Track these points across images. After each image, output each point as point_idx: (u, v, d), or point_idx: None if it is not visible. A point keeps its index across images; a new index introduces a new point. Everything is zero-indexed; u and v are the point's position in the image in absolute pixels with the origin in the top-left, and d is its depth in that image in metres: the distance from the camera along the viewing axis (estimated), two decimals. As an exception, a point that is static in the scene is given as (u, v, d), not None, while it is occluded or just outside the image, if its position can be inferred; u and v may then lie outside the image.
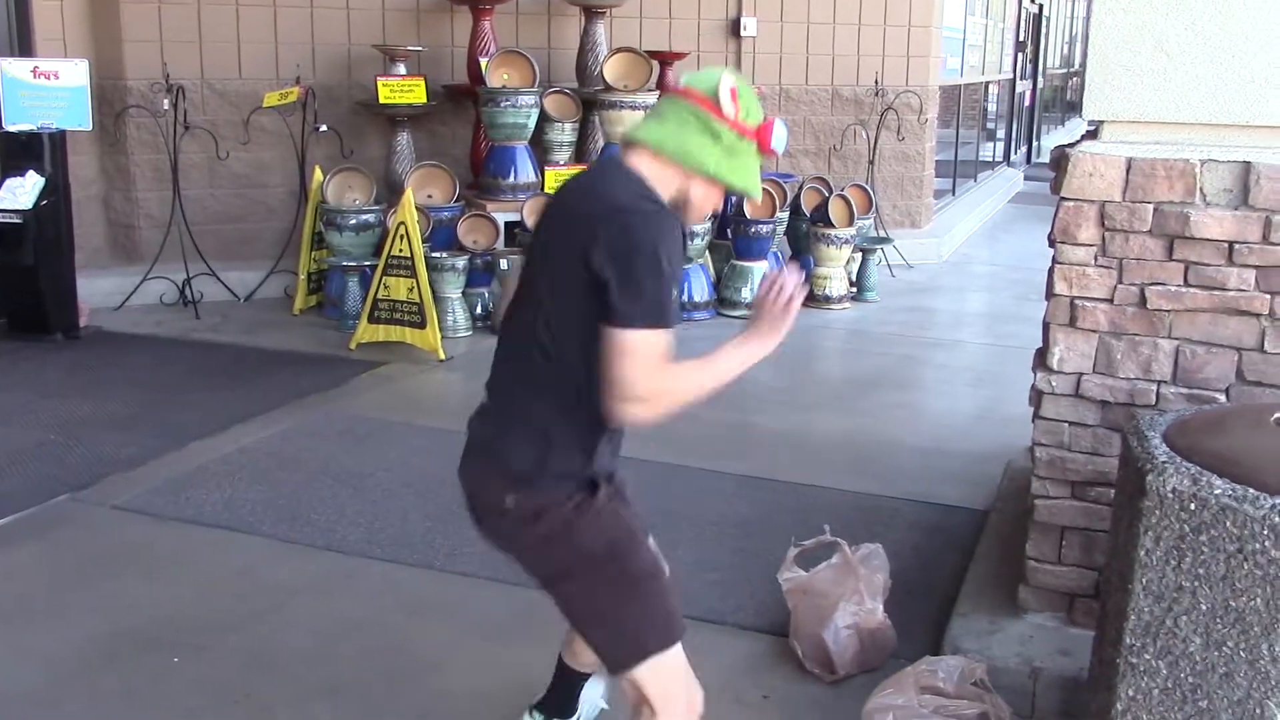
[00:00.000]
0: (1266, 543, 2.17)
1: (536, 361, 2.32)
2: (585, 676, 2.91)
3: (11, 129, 6.67)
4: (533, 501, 2.34)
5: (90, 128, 7.12)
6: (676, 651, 2.42)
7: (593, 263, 2.17)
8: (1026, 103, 17.92)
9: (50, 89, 6.78)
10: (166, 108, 7.65)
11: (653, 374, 2.18)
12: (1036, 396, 3.33)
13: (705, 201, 2.40)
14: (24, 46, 7.25)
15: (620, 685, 2.50)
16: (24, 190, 6.56)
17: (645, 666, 2.38)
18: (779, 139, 2.39)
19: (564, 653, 2.89)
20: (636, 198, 2.25)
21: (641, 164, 2.32)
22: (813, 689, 3.30)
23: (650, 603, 2.41)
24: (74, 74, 6.84)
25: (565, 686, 2.91)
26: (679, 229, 2.29)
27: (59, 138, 6.76)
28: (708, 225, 7.60)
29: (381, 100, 7.80)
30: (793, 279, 2.38)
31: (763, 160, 2.45)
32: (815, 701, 3.25)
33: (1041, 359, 3.32)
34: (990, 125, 15.54)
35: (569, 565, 2.39)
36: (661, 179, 2.32)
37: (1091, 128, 3.37)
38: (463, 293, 7.10)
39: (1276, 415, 2.50)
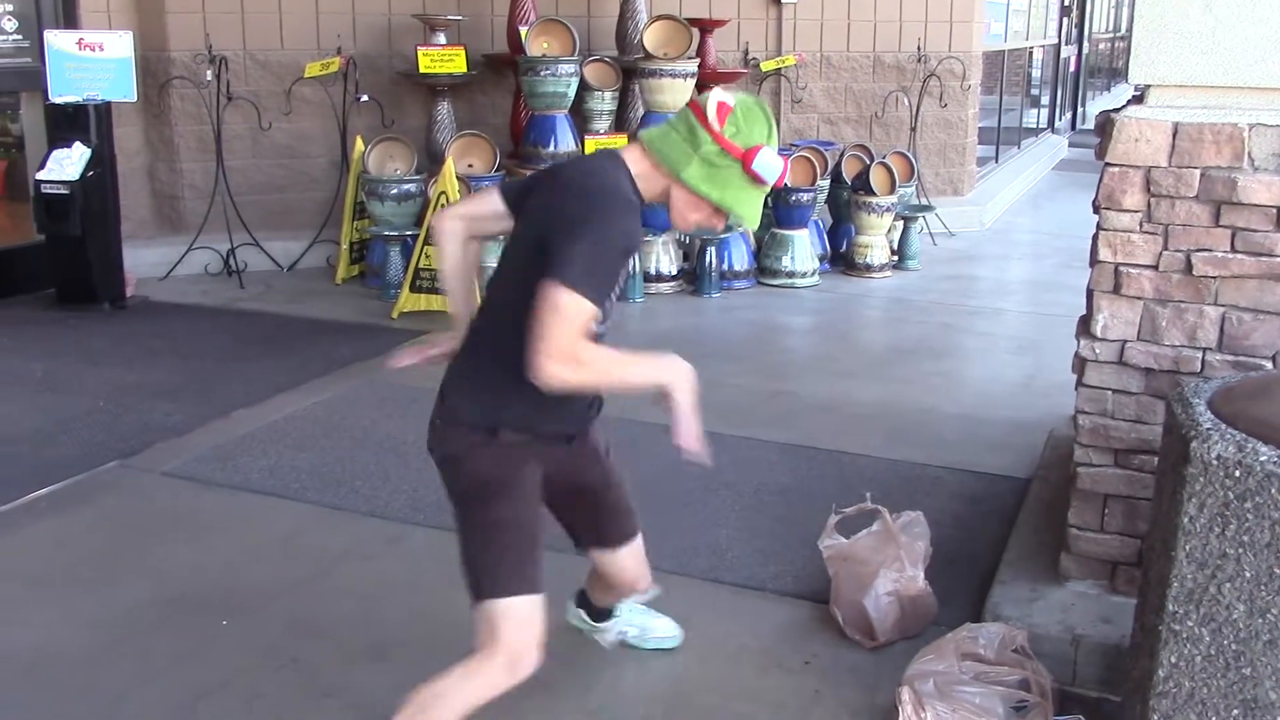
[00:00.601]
0: (1312, 510, 2.15)
1: (503, 320, 2.46)
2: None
3: (58, 101, 6.73)
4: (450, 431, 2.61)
5: (135, 99, 7.18)
6: (513, 604, 2.49)
7: (551, 230, 2.30)
8: (1071, 68, 17.67)
9: (95, 61, 6.83)
10: (210, 79, 7.70)
11: (572, 337, 2.24)
12: (1080, 364, 3.30)
13: (687, 209, 2.46)
14: (69, 19, 7.32)
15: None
16: (71, 162, 6.63)
17: (482, 606, 2.51)
18: (766, 167, 2.39)
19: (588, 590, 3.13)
20: (611, 185, 2.36)
21: (633, 159, 2.44)
22: (853, 655, 3.32)
23: (496, 551, 2.52)
24: (119, 46, 6.90)
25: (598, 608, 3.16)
26: (638, 226, 2.39)
27: (104, 109, 6.83)
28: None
29: (422, 70, 7.82)
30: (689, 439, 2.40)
31: (762, 190, 2.44)
32: (855, 667, 3.26)
33: (1085, 326, 3.30)
34: (1034, 91, 15.34)
35: (454, 491, 2.62)
36: (648, 178, 2.44)
37: (1137, 93, 3.33)
38: (503, 262, 7.11)
39: (1324, 382, 2.47)
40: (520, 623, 2.48)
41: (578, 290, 2.23)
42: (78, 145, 6.67)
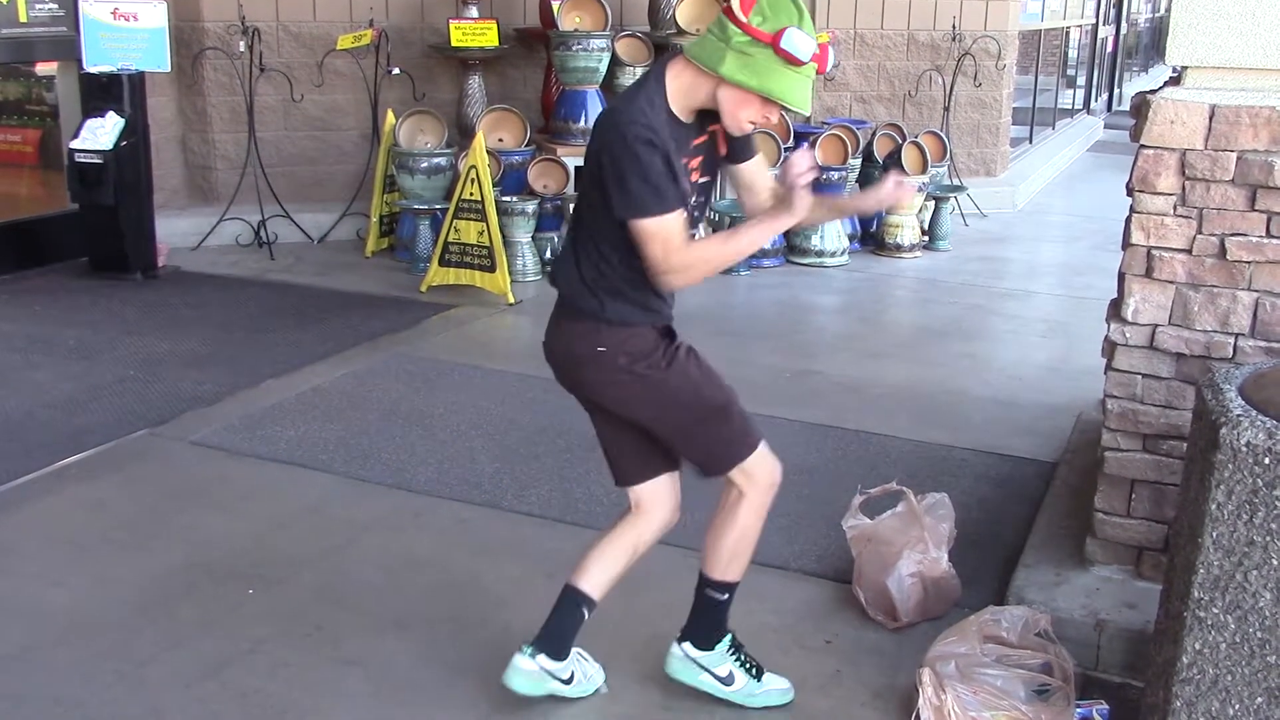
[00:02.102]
0: (1342, 499, 2.13)
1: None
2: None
3: (92, 70, 6.77)
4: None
5: (168, 69, 7.21)
6: (759, 453, 2.80)
7: (600, 166, 2.54)
8: (1109, 49, 17.47)
9: (129, 31, 6.86)
10: (242, 50, 7.72)
11: (673, 251, 2.53)
12: (1109, 348, 3.28)
13: (735, 108, 2.56)
14: (104, -12, 7.35)
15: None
16: (104, 131, 6.67)
17: (739, 468, 2.79)
18: (795, 46, 2.46)
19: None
20: (637, 104, 2.52)
21: (675, 73, 2.57)
22: (875, 635, 3.32)
23: (735, 423, 2.79)
24: (153, 15, 6.92)
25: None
26: (654, 121, 2.51)
27: (138, 79, 6.86)
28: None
29: (453, 43, 7.81)
30: (803, 158, 2.57)
31: (801, 71, 2.51)
32: (877, 648, 3.26)
33: (1116, 310, 3.27)
34: (1070, 72, 15.17)
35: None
36: (694, 85, 2.56)
37: (1175, 74, 3.29)
38: (532, 237, 7.12)
39: (1357, 370, 2.45)
40: (768, 460, 2.84)
41: (644, 216, 2.50)
42: (111, 115, 6.70)
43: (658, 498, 2.88)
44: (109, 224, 6.81)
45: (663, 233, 2.51)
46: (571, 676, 2.94)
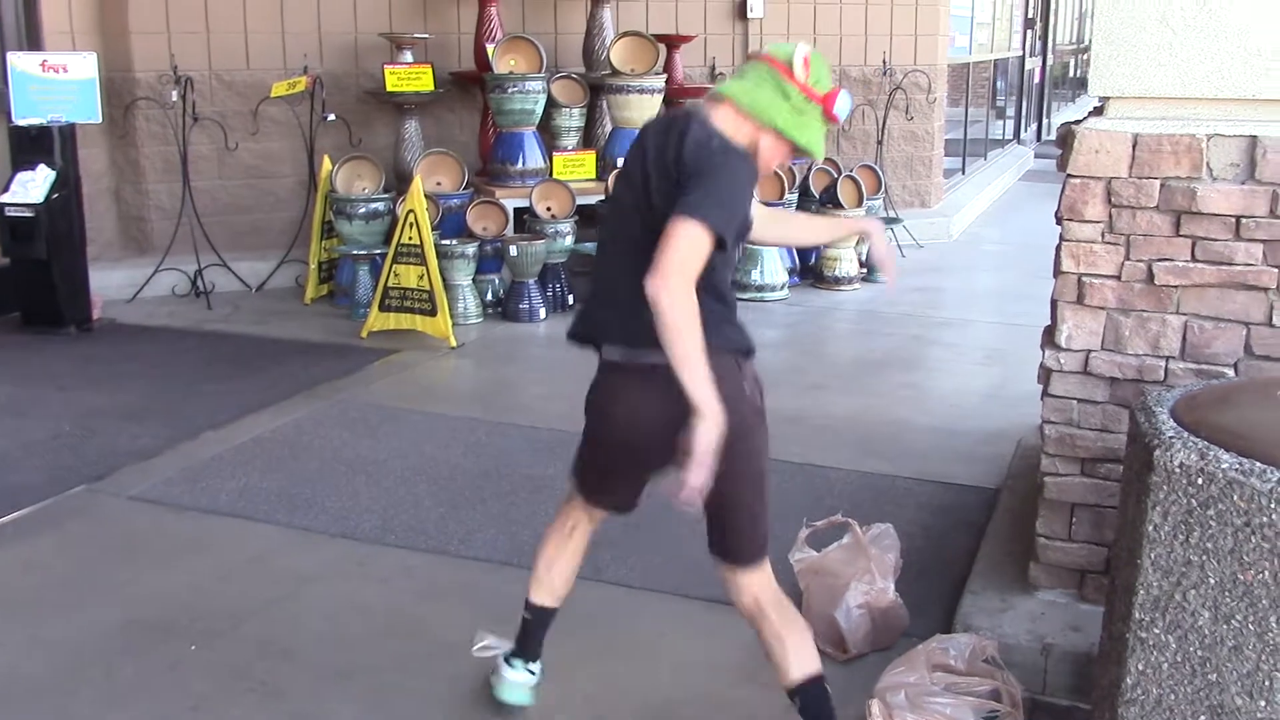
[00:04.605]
0: (1274, 516, 2.17)
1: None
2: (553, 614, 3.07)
3: (21, 123, 6.69)
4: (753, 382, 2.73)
5: (100, 120, 7.14)
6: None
7: (681, 174, 2.51)
8: (1036, 80, 17.82)
9: (59, 83, 6.80)
10: (175, 99, 7.67)
11: (682, 265, 2.38)
12: (1045, 374, 3.33)
13: (772, 153, 2.67)
14: (32, 40, 7.28)
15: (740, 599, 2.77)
16: (35, 184, 6.58)
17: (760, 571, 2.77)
18: (842, 107, 2.66)
19: (538, 590, 3.03)
20: (719, 137, 2.57)
21: (722, 117, 2.61)
22: (825, 668, 3.30)
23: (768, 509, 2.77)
24: (82, 67, 6.86)
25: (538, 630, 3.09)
26: (753, 170, 2.62)
27: (69, 131, 6.78)
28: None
29: (389, 88, 7.81)
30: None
31: (827, 127, 2.70)
32: (828, 680, 3.25)
33: (1050, 337, 3.32)
34: (1000, 103, 15.46)
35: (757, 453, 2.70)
36: (738, 131, 2.61)
37: (1098, 104, 3.36)
38: (473, 280, 7.11)
39: (1284, 389, 2.50)
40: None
41: (701, 220, 2.42)
42: (42, 168, 6.62)
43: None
44: (41, 278, 6.70)
45: (699, 247, 2.40)
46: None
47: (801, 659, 2.74)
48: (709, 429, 2.36)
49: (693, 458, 2.36)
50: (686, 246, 2.39)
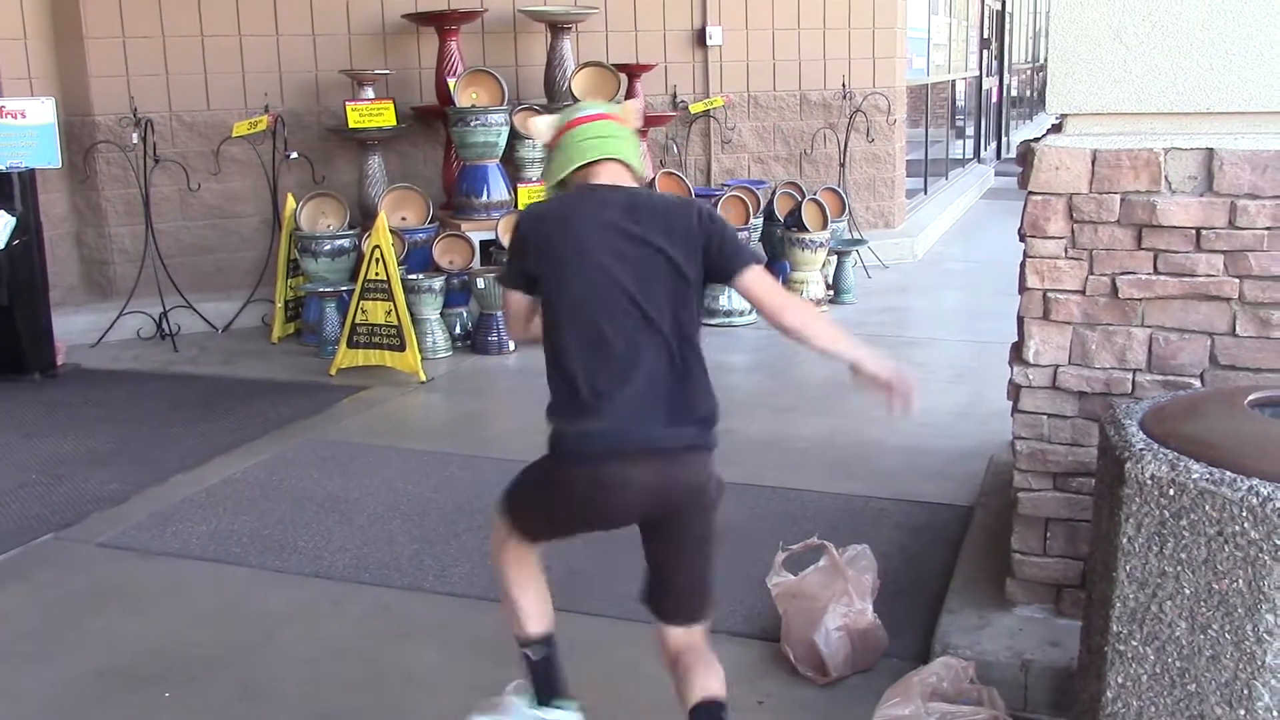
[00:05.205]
0: (1245, 524, 2.19)
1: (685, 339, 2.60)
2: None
3: (-20, 170, 6.64)
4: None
5: (60, 165, 7.10)
6: None
7: (708, 236, 2.59)
8: (994, 99, 18.02)
9: (17, 128, 6.75)
10: (135, 142, 7.63)
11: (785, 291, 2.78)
12: (1014, 390, 3.34)
13: None
14: (-11, 87, 7.23)
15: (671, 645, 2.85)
16: (-5, 230, 6.53)
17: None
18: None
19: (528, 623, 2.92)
20: (675, 195, 2.84)
21: (626, 178, 2.71)
22: (806, 692, 3.31)
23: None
24: (41, 112, 6.82)
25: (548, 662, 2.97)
26: None
27: (28, 176, 6.73)
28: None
29: (351, 125, 7.80)
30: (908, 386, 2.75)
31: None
32: (809, 705, 3.25)
33: (1017, 353, 3.34)
34: (959, 123, 15.61)
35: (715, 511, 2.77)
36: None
37: (1056, 121, 3.40)
38: (441, 313, 7.10)
39: (1250, 398, 2.52)
40: None
41: (759, 264, 2.67)
42: (2, 214, 6.55)
43: None
44: (4, 325, 6.63)
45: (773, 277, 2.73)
46: None
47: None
48: (886, 362, 2.64)
49: (895, 380, 2.63)
50: (772, 280, 2.70)
